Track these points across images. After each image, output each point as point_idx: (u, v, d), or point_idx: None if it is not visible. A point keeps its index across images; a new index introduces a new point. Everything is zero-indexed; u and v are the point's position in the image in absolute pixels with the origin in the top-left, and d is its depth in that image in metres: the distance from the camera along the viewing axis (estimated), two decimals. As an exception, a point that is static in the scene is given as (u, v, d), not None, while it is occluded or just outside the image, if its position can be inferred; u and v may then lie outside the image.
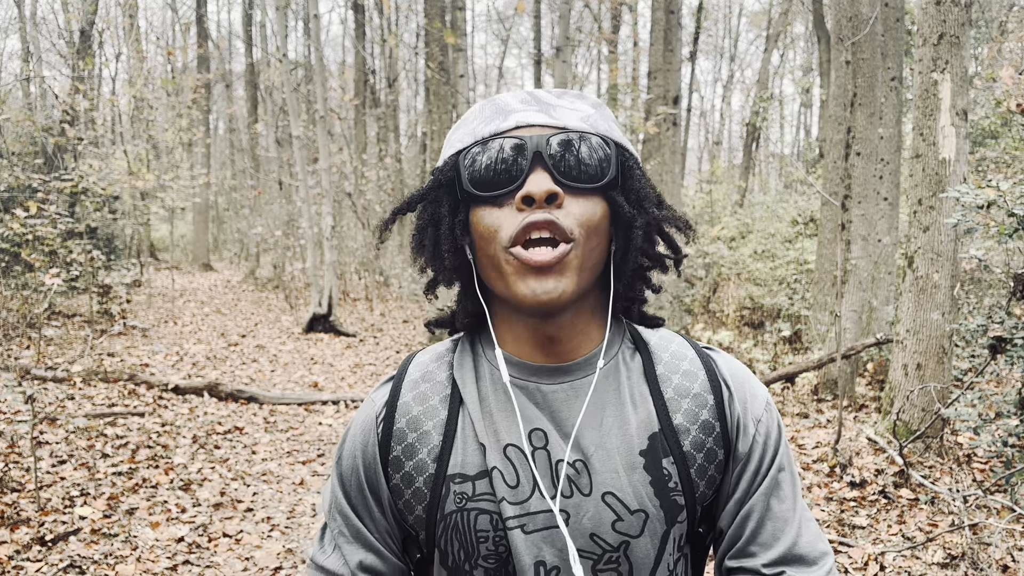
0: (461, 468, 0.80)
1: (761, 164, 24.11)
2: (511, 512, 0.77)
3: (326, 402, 6.34)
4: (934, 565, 3.18)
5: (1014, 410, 3.48)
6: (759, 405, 0.83)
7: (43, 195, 8.56)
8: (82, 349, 7.67)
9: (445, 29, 9.73)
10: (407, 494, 0.82)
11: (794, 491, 0.82)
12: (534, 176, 0.74)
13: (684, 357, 0.85)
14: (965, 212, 3.33)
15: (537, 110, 0.78)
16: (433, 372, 0.86)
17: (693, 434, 0.81)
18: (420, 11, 16.88)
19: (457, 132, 0.82)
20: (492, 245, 0.76)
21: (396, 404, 0.84)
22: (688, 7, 21.49)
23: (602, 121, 0.80)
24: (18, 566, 3.15)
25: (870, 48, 6.27)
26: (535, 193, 0.73)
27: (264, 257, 18.66)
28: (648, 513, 0.78)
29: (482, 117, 0.80)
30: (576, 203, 0.75)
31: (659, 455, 0.79)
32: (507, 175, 0.75)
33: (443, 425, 0.82)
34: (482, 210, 0.77)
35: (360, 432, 0.85)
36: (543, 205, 0.73)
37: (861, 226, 6.22)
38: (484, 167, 0.76)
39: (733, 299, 10.96)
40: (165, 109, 18.68)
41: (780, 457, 0.82)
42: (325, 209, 10.41)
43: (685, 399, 0.82)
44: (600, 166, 0.76)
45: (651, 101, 10.66)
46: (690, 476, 0.80)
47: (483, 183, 0.76)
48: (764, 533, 0.79)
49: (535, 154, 0.75)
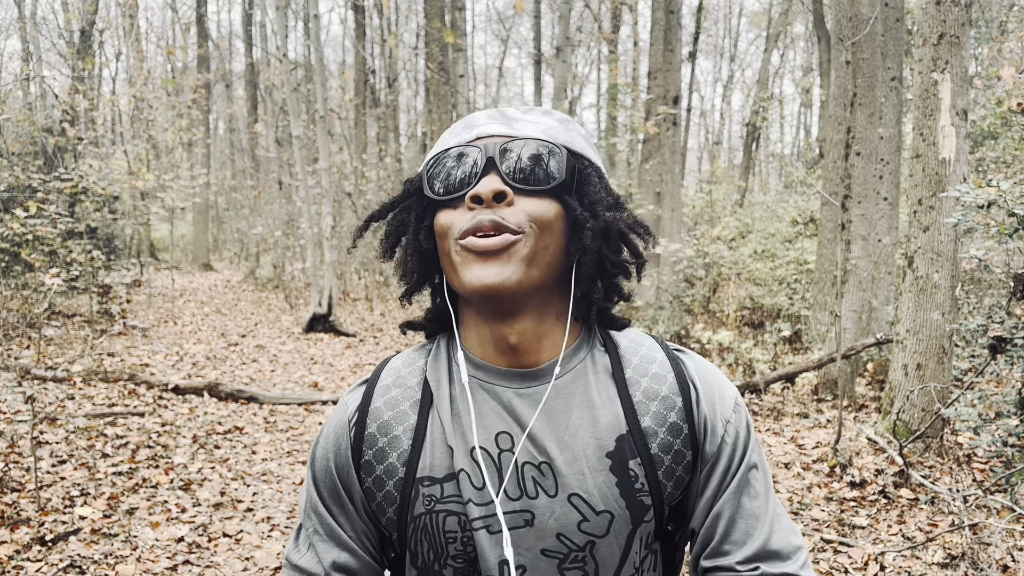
0: (430, 471, 0.82)
1: (761, 164, 24.11)
2: (477, 513, 0.79)
3: (326, 402, 6.34)
4: (934, 565, 3.18)
5: (1014, 410, 3.48)
6: (728, 406, 0.85)
7: (43, 195, 8.56)
8: (82, 349, 7.67)
9: (445, 29, 9.73)
10: (379, 497, 0.84)
11: (766, 488, 0.83)
12: (486, 179, 0.78)
13: (653, 360, 0.87)
14: (965, 212, 3.33)
15: (500, 123, 0.83)
16: (405, 377, 0.88)
17: (661, 436, 0.82)
18: (420, 11, 16.88)
19: (435, 147, 0.87)
20: (446, 242, 0.80)
21: (368, 409, 0.86)
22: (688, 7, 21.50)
23: (564, 133, 0.84)
24: (18, 566, 3.15)
25: (870, 48, 6.27)
26: (483, 192, 0.77)
27: (264, 257, 18.66)
28: (614, 514, 0.79)
29: (453, 132, 0.86)
30: (528, 201, 0.79)
31: (626, 456, 0.81)
32: (462, 179, 0.80)
33: (412, 430, 0.84)
34: (441, 212, 0.82)
35: (333, 435, 0.87)
36: (492, 204, 0.77)
37: (861, 226, 6.22)
38: (443, 173, 0.82)
39: (733, 299, 10.96)
40: (165, 109, 18.68)
41: (750, 455, 0.83)
42: (325, 209, 10.41)
43: (653, 402, 0.83)
44: (551, 170, 0.80)
45: (651, 101, 10.66)
46: (657, 477, 0.81)
47: (442, 188, 0.81)
48: (737, 531, 0.80)
49: (488, 159, 0.79)
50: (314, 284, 10.62)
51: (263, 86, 18.94)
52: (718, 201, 16.34)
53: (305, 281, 14.72)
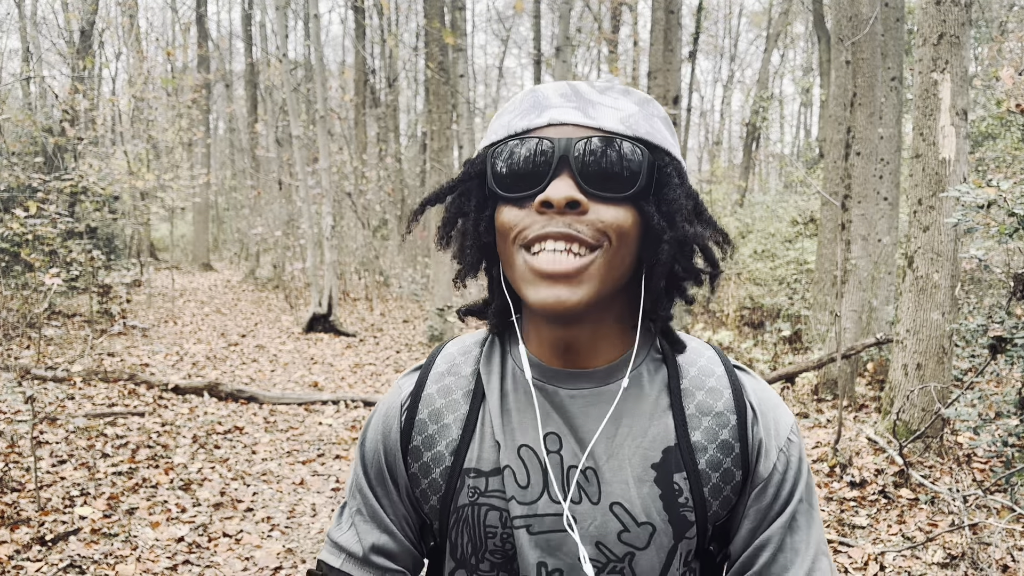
0: (476, 463, 0.81)
1: (761, 164, 24.11)
2: (519, 511, 0.78)
3: (326, 402, 6.34)
4: (934, 565, 3.18)
5: (1014, 410, 3.48)
6: (783, 432, 0.82)
7: (43, 195, 8.56)
8: (82, 349, 7.67)
9: (444, 29, 9.73)
10: (424, 483, 0.83)
11: (809, 523, 0.80)
12: (558, 181, 0.71)
13: (712, 374, 0.84)
14: (965, 212, 3.33)
15: (574, 107, 0.75)
16: (459, 365, 0.87)
17: (710, 452, 0.79)
18: (420, 11, 16.88)
19: (497, 121, 0.81)
20: (508, 244, 0.75)
21: (420, 395, 0.85)
22: (688, 7, 21.48)
23: (644, 121, 0.77)
24: (18, 566, 3.15)
25: (870, 48, 6.27)
26: (554, 199, 0.70)
27: (264, 257, 18.66)
28: (655, 526, 0.77)
29: (520, 109, 0.78)
30: (605, 209, 0.72)
31: (671, 469, 0.78)
32: (532, 176, 0.73)
33: (463, 420, 0.83)
34: (505, 207, 0.75)
35: (384, 418, 0.87)
36: (564, 211, 0.71)
37: (861, 226, 6.22)
38: (510, 166, 0.74)
39: (733, 299, 10.96)
40: (165, 109, 18.68)
41: (801, 488, 0.81)
42: (325, 209, 10.41)
43: (706, 416, 0.81)
44: (630, 174, 0.73)
45: (651, 101, 10.65)
46: (703, 494, 0.79)
47: (507, 182, 0.74)
48: (776, 565, 0.78)
49: (561, 158, 0.72)
50: (314, 284, 10.62)
51: (263, 86, 18.93)
52: (718, 201, 16.34)
53: (305, 281, 14.72)
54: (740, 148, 23.83)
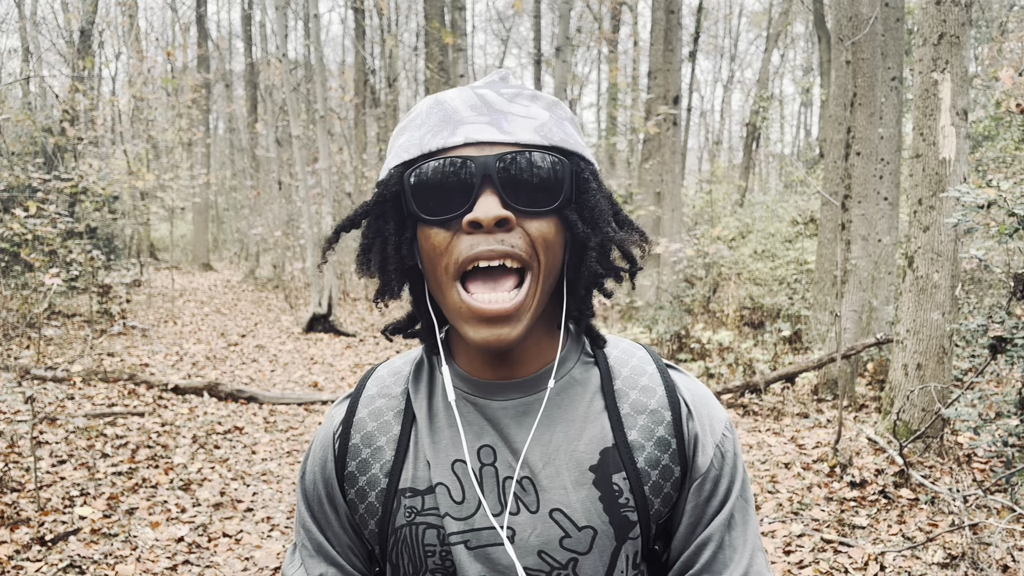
0: (412, 483, 0.80)
1: (761, 164, 24.11)
2: (455, 528, 0.77)
3: (326, 402, 6.34)
4: (934, 565, 3.18)
5: (1014, 410, 3.48)
6: (719, 428, 0.82)
7: (43, 195, 8.56)
8: (82, 349, 7.67)
9: (443, 29, 9.73)
10: (361, 509, 0.82)
11: (745, 519, 0.80)
12: (483, 200, 0.70)
13: (644, 372, 0.84)
14: (965, 212, 3.33)
15: (487, 121, 0.73)
16: (389, 387, 0.86)
17: (648, 450, 0.79)
18: (420, 11, 16.89)
19: (402, 136, 0.77)
20: (439, 269, 0.73)
21: (352, 420, 0.85)
22: (688, 7, 21.49)
23: (557, 128, 0.76)
24: (18, 566, 3.15)
25: (870, 48, 6.27)
26: (483, 219, 0.69)
27: (264, 257, 18.66)
28: (597, 529, 0.76)
29: (429, 124, 0.75)
30: (531, 223, 0.72)
31: (609, 470, 0.78)
32: (455, 198, 0.71)
33: (396, 440, 0.82)
34: (430, 231, 0.73)
35: (319, 449, 0.86)
36: (492, 230, 0.70)
37: (861, 226, 6.22)
38: (431, 188, 0.72)
39: (733, 299, 10.97)
40: (165, 109, 18.69)
41: (738, 485, 0.81)
42: (325, 209, 10.42)
43: (642, 415, 0.80)
44: (553, 187, 0.73)
45: (651, 101, 10.66)
46: (644, 492, 0.78)
47: (430, 205, 0.72)
48: (716, 563, 0.78)
49: (484, 176, 0.70)
50: (314, 284, 10.62)
51: (263, 86, 18.93)
52: (718, 201, 16.35)
53: (305, 281, 14.72)
54: (740, 148, 23.84)
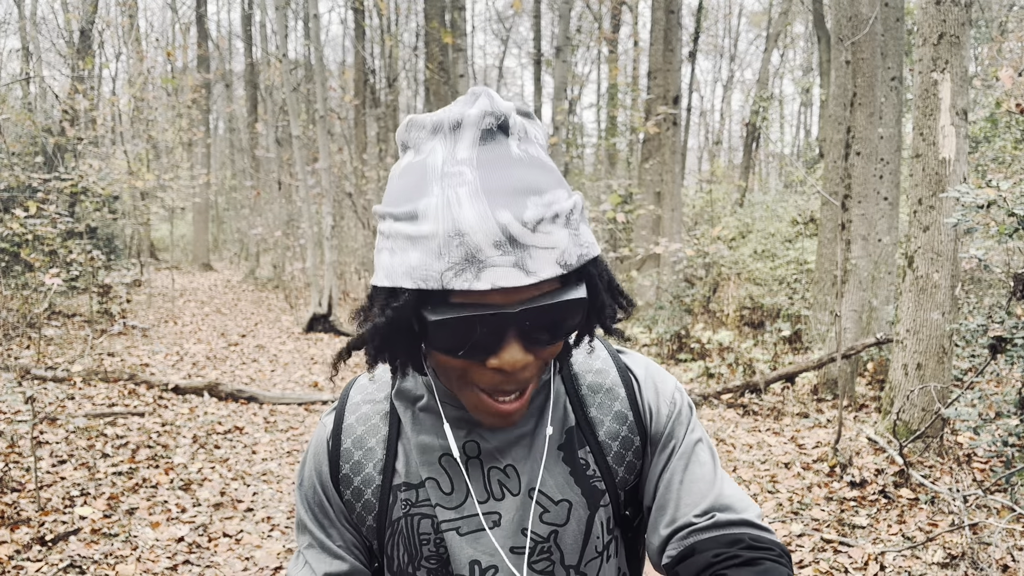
0: (405, 477, 0.86)
1: (761, 164, 24.12)
2: (446, 516, 0.83)
3: (326, 402, 6.34)
4: (934, 565, 3.18)
5: (1014, 410, 3.48)
6: (668, 390, 0.90)
7: (43, 195, 8.57)
8: (82, 349, 7.67)
9: (443, 30, 9.73)
10: (358, 507, 0.88)
11: (712, 458, 0.86)
12: (508, 348, 0.72)
13: (597, 357, 0.92)
14: (965, 212, 3.33)
15: (513, 263, 0.68)
16: (373, 393, 0.92)
17: (607, 424, 0.87)
18: (420, 11, 16.89)
19: (413, 253, 0.70)
20: (452, 380, 0.78)
21: (341, 427, 0.90)
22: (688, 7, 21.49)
23: (574, 246, 0.72)
24: (18, 566, 3.15)
25: (870, 48, 6.28)
26: (508, 367, 0.72)
27: (264, 257, 18.67)
28: (571, 501, 0.84)
29: (450, 259, 0.68)
30: (551, 347, 0.76)
31: (575, 447, 0.86)
32: (480, 347, 0.72)
33: (385, 439, 0.88)
34: (449, 357, 0.74)
35: (313, 455, 0.91)
36: (515, 372, 0.74)
37: (861, 226, 6.22)
38: (454, 335, 0.71)
39: (733, 299, 10.97)
40: (165, 109, 18.69)
41: (693, 430, 0.87)
42: (325, 209, 10.41)
43: (598, 394, 0.89)
44: (572, 324, 0.75)
45: (651, 101, 10.67)
46: (608, 463, 0.86)
47: (451, 347, 0.72)
48: (689, 495, 0.82)
49: (510, 330, 0.71)
50: (314, 284, 10.62)
51: (263, 86, 18.94)
52: (718, 201, 16.35)
53: (305, 281, 14.72)
54: (740, 148, 23.84)
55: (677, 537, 0.80)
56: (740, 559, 0.75)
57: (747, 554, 0.75)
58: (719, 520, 0.79)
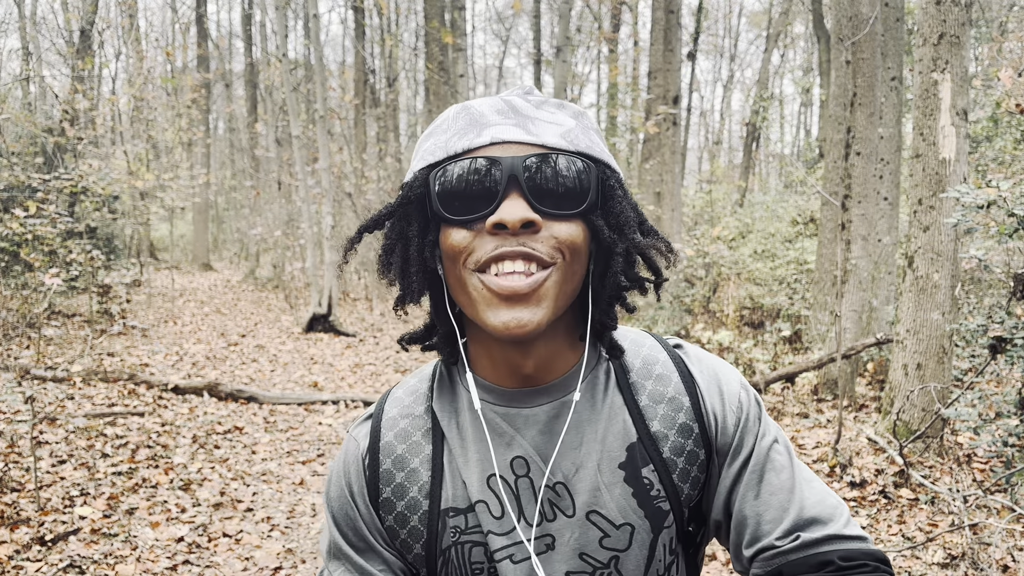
0: (453, 502, 0.79)
1: (761, 164, 24.11)
2: (499, 544, 0.77)
3: (326, 402, 6.34)
4: (934, 565, 3.18)
5: (1014, 410, 3.48)
6: (734, 391, 0.82)
7: (43, 195, 8.56)
8: (82, 349, 7.67)
9: (443, 29, 9.73)
10: (403, 534, 0.81)
11: (789, 458, 0.80)
12: (509, 201, 0.69)
13: (656, 361, 0.84)
14: (965, 212, 3.32)
15: (514, 123, 0.73)
16: (410, 407, 0.85)
17: (672, 439, 0.80)
18: (420, 11, 16.89)
19: (428, 141, 0.77)
20: (459, 267, 0.72)
21: (379, 445, 0.82)
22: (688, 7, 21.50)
23: (583, 135, 0.75)
24: (18, 566, 3.15)
25: (870, 48, 6.27)
26: (509, 221, 0.68)
27: (264, 257, 18.66)
28: (634, 525, 0.78)
29: (455, 128, 0.74)
30: (558, 225, 0.71)
31: (638, 465, 0.78)
32: (480, 198, 0.70)
33: (430, 460, 0.81)
34: (452, 230, 0.72)
35: (345, 474, 0.83)
36: (517, 232, 0.69)
37: (861, 226, 6.22)
38: (456, 188, 0.71)
39: (733, 299, 10.96)
40: (165, 109, 18.68)
41: (765, 432, 0.81)
42: (325, 209, 10.41)
43: (660, 404, 0.81)
44: (580, 190, 0.72)
45: (651, 101, 10.67)
46: (673, 481, 0.79)
47: (455, 205, 0.71)
48: (770, 510, 0.76)
49: (510, 177, 0.70)
50: (314, 284, 10.61)
51: (263, 86, 18.94)
52: (718, 201, 16.35)
53: (305, 281, 14.72)
54: (740, 148, 23.85)
55: (761, 559, 0.75)
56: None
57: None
58: (805, 540, 0.74)
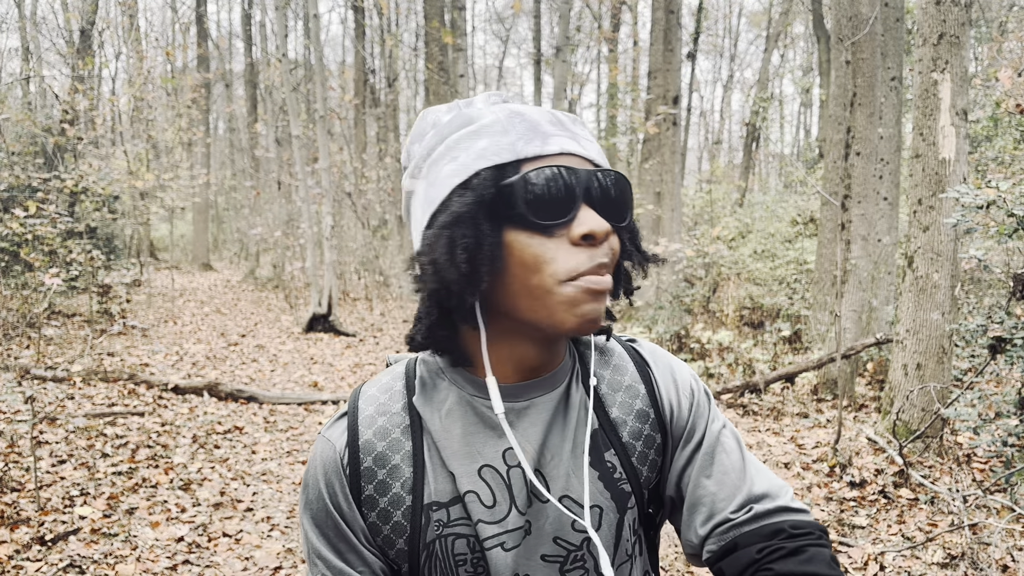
0: (435, 496, 0.80)
1: (761, 164, 24.12)
2: (489, 532, 0.79)
3: (326, 402, 6.34)
4: (934, 565, 3.18)
5: (1014, 410, 3.48)
6: (686, 380, 0.89)
7: (43, 195, 8.57)
8: (82, 349, 7.67)
9: (444, 29, 9.73)
10: (385, 530, 0.81)
11: (737, 444, 0.86)
12: (586, 212, 0.72)
13: (612, 352, 0.90)
14: (965, 212, 3.33)
15: (569, 136, 0.76)
16: (386, 404, 0.85)
17: (630, 424, 0.85)
18: (420, 11, 16.89)
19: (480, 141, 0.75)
20: (537, 276, 0.72)
21: (357, 443, 0.82)
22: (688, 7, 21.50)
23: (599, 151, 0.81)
24: (18, 566, 3.15)
25: (870, 48, 6.28)
26: (597, 232, 0.72)
27: (264, 257, 18.67)
28: (602, 507, 0.82)
29: (517, 132, 0.75)
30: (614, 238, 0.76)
31: (601, 450, 0.83)
32: (560, 206, 0.72)
33: (411, 456, 0.82)
34: (527, 237, 0.72)
35: (324, 475, 0.83)
36: (599, 243, 0.73)
37: (861, 226, 6.22)
38: (541, 193, 0.72)
39: (733, 299, 10.97)
40: (165, 109, 18.69)
41: (715, 419, 0.87)
42: (325, 209, 10.41)
43: (618, 392, 0.87)
44: (627, 205, 0.77)
45: (651, 101, 10.67)
46: (632, 464, 0.84)
47: (539, 210, 0.72)
48: (723, 489, 0.81)
49: (586, 188, 0.73)
50: (314, 284, 10.62)
51: (263, 86, 18.93)
52: (718, 201, 16.35)
53: (305, 281, 14.72)
54: (740, 148, 23.85)
55: (716, 533, 0.80)
56: (784, 550, 0.76)
57: (789, 544, 0.76)
58: (757, 512, 0.79)
